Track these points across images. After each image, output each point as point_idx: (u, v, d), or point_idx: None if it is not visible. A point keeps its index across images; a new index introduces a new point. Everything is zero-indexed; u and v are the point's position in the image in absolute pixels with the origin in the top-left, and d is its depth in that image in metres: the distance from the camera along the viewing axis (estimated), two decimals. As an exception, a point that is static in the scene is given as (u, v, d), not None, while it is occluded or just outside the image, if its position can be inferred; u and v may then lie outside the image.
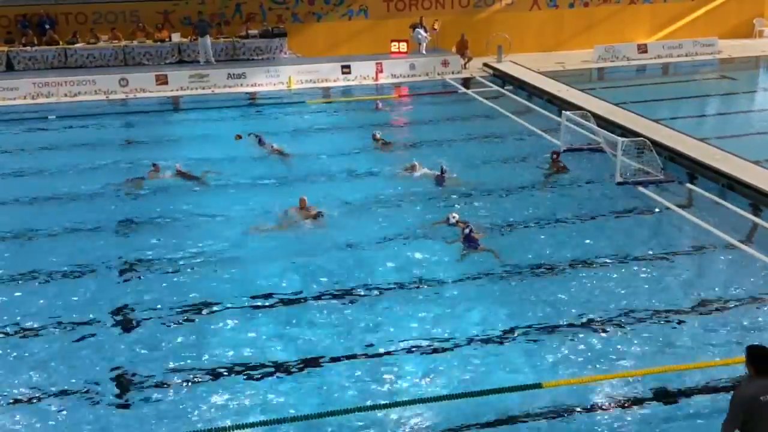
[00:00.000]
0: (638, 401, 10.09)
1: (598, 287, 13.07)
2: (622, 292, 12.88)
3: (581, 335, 11.65)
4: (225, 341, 11.64)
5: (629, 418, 9.76)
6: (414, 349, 11.35)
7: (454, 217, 15.36)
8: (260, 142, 20.88)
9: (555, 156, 18.94)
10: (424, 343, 11.49)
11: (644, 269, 13.73)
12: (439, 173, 18.07)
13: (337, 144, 21.62)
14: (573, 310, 12.32)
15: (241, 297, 12.91)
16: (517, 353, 11.24)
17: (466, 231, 14.67)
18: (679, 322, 11.96)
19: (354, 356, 11.20)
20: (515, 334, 11.68)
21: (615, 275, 13.51)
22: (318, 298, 12.89)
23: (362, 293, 13.01)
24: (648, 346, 11.30)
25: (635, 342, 11.42)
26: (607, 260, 14.05)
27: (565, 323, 11.95)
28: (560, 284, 13.22)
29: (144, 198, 17.70)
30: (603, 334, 11.66)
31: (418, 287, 13.18)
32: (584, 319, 12.04)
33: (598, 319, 12.06)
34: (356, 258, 14.34)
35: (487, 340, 11.54)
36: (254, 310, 12.56)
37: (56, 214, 16.73)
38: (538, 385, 10.26)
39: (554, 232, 15.39)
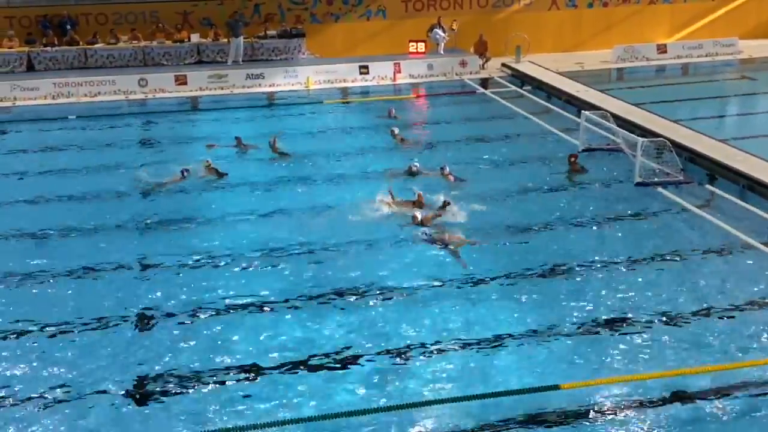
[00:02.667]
0: (657, 403, 10.04)
1: (616, 288, 13.01)
2: (640, 293, 12.82)
3: (599, 336, 11.61)
4: (243, 340, 11.70)
5: (647, 421, 9.71)
6: (430, 349, 11.35)
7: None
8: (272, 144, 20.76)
9: (573, 159, 18.84)
10: (440, 343, 11.48)
11: (663, 271, 13.66)
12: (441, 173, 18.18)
13: (354, 144, 21.66)
14: (590, 312, 12.28)
15: (252, 297, 12.98)
16: (534, 354, 11.22)
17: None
18: (699, 324, 11.89)
19: (369, 356, 11.21)
20: (532, 335, 11.65)
21: (633, 277, 13.45)
22: (333, 298, 12.91)
23: (374, 293, 13.01)
24: (666, 348, 11.24)
25: (654, 343, 11.37)
26: (625, 261, 13.98)
27: (582, 324, 11.92)
28: (578, 285, 13.18)
29: (164, 197, 17.78)
30: (621, 336, 11.61)
31: (431, 288, 13.16)
32: (602, 321, 12.01)
33: (617, 320, 12.01)
34: (370, 258, 14.37)
35: (503, 342, 11.52)
36: (266, 310, 12.62)
37: (76, 214, 16.83)
38: (555, 387, 10.24)
39: (572, 233, 15.34)
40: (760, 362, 10.84)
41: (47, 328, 12.13)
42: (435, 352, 11.30)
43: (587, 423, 9.72)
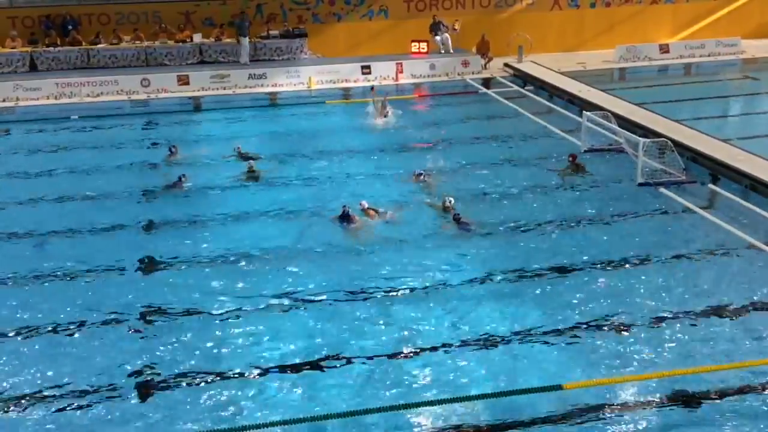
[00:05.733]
0: (659, 404, 10.05)
1: (619, 289, 13.02)
2: (643, 293, 12.83)
3: (602, 336, 11.62)
4: (245, 340, 11.73)
5: (650, 421, 9.72)
6: (432, 349, 11.36)
7: (449, 201, 16.12)
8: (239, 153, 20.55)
9: (572, 158, 18.81)
10: (442, 343, 11.49)
11: (665, 271, 13.66)
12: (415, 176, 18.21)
13: (355, 144, 21.69)
14: (593, 312, 12.28)
15: (261, 297, 13.01)
16: (537, 354, 11.22)
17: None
18: (701, 325, 11.89)
19: (374, 356, 11.23)
20: (535, 335, 11.66)
21: (635, 277, 13.45)
22: (335, 298, 12.94)
23: (379, 294, 13.03)
24: (669, 348, 11.25)
25: (656, 344, 11.37)
26: (628, 261, 13.99)
27: (585, 324, 11.92)
28: (580, 285, 13.19)
29: (164, 198, 17.79)
30: (624, 336, 11.62)
31: (435, 288, 13.18)
32: (605, 321, 12.01)
33: (619, 320, 12.02)
34: (373, 258, 14.38)
35: (506, 341, 11.53)
36: (275, 310, 12.63)
37: (78, 214, 16.87)
38: (558, 387, 10.24)
39: (575, 233, 15.34)
40: (761, 362, 10.83)
41: (48, 328, 12.17)
42: (435, 351, 11.30)
43: (590, 423, 9.71)
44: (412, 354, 11.27)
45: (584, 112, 20.83)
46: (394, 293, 13.05)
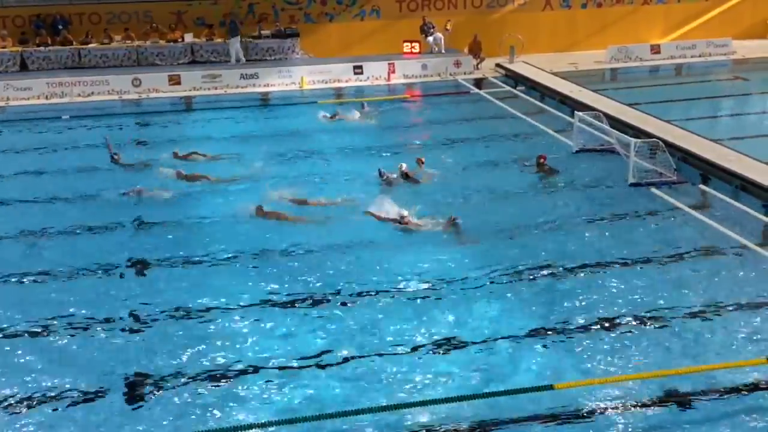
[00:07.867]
0: (650, 404, 10.06)
1: (610, 289, 13.03)
2: (634, 293, 12.83)
3: (593, 337, 11.62)
4: (236, 341, 11.70)
5: (641, 421, 9.72)
6: (422, 349, 11.36)
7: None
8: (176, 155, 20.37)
9: (542, 160, 18.69)
10: (433, 343, 11.49)
11: (656, 271, 13.68)
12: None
13: (347, 143, 21.68)
14: (584, 311, 12.29)
15: (251, 297, 12.99)
16: (527, 355, 11.23)
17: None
18: (692, 324, 11.91)
19: (364, 357, 11.21)
20: (526, 336, 11.66)
21: (626, 277, 13.45)
22: (325, 298, 12.94)
23: (370, 294, 13.03)
24: (660, 348, 11.26)
25: (647, 344, 11.38)
26: (619, 262, 14.00)
27: (576, 325, 11.93)
28: (571, 286, 13.20)
29: (155, 198, 17.70)
30: (614, 336, 11.62)
31: (426, 288, 13.18)
32: (596, 321, 12.02)
33: (610, 320, 12.03)
34: (365, 259, 14.38)
35: (497, 342, 11.53)
36: (265, 310, 12.61)
37: (69, 214, 16.81)
38: (549, 387, 10.25)
39: (565, 233, 15.35)
40: (753, 362, 10.86)
41: (43, 328, 12.12)
42: (428, 352, 11.30)
43: (581, 423, 9.72)
44: (402, 354, 11.24)
45: (576, 112, 20.85)
46: (382, 294, 13.01)
